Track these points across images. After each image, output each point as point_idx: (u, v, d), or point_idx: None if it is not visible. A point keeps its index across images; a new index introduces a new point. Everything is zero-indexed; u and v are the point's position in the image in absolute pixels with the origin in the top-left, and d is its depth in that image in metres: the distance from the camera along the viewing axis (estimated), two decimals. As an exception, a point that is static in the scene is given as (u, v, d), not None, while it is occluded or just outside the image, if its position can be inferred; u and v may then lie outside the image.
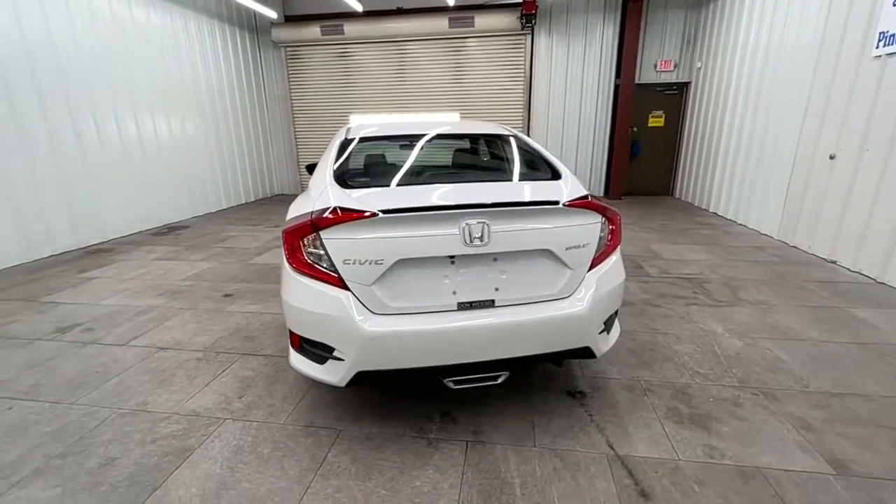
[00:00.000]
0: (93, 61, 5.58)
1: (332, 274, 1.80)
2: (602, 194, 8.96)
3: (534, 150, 2.61)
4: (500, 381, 1.98)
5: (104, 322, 3.34)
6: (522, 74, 8.53)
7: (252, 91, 8.93)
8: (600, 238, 2.00)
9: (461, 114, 8.92)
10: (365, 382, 1.87)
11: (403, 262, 1.78)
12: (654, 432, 2.07)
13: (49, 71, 5.05)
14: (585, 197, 1.95)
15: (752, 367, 2.62)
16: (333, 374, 1.85)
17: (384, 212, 1.73)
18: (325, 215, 1.78)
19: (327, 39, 8.73)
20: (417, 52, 8.70)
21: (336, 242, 1.77)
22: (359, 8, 7.92)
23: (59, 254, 5.21)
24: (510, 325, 1.84)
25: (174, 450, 2.01)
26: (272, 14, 8.08)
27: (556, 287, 1.93)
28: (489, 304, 1.88)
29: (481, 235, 1.76)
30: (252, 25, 8.83)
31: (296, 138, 9.68)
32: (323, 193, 1.98)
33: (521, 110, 8.72)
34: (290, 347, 2.03)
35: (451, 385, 1.94)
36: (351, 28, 8.50)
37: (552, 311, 1.89)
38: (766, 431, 2.07)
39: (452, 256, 1.82)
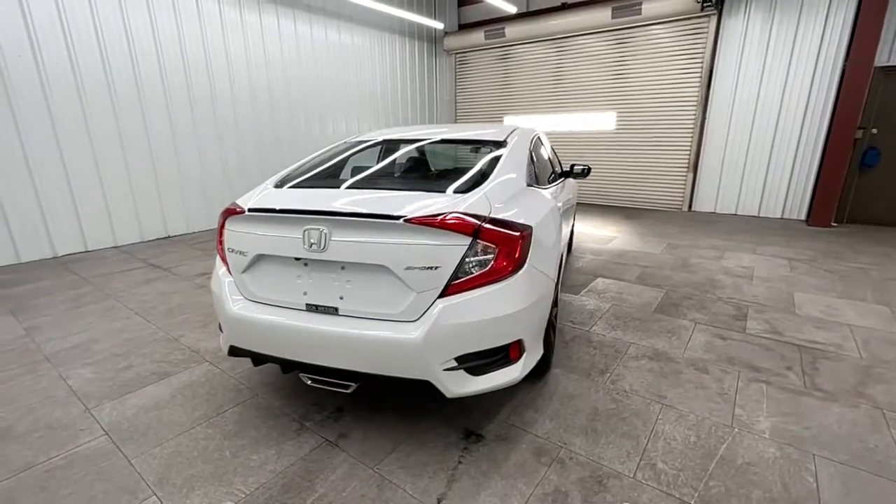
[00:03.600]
0: (293, 74, 7.34)
1: (225, 259, 2.12)
2: (804, 218, 6.70)
3: (492, 161, 2.34)
4: (349, 391, 1.96)
5: (222, 274, 4.54)
6: (699, 65, 7.04)
7: (424, 97, 10.01)
8: (466, 262, 1.73)
9: (618, 114, 7.99)
10: (241, 356, 2.13)
11: (263, 258, 1.97)
12: (504, 508, 1.70)
13: (261, 84, 6.92)
14: (443, 215, 1.72)
15: (749, 487, 1.77)
16: (222, 342, 2.19)
17: (250, 210, 1.95)
18: (229, 208, 2.11)
19: (490, 43, 9.07)
20: (576, 48, 8.17)
21: (227, 233, 2.08)
22: (512, 10, 7.96)
23: (252, 222, 7.14)
24: (346, 336, 1.81)
25: (162, 372, 2.71)
26: (439, 25, 8.90)
27: (399, 308, 1.78)
28: (333, 310, 1.88)
29: (318, 242, 1.80)
30: (431, 36, 9.86)
31: (457, 139, 10.42)
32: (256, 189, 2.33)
33: (694, 108, 7.23)
34: None
35: (308, 381, 2.03)
36: (512, 30, 8.60)
37: (386, 332, 1.76)
38: (654, 573, 1.44)
39: (301, 259, 1.90)
